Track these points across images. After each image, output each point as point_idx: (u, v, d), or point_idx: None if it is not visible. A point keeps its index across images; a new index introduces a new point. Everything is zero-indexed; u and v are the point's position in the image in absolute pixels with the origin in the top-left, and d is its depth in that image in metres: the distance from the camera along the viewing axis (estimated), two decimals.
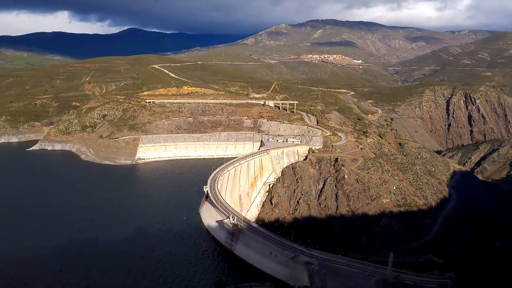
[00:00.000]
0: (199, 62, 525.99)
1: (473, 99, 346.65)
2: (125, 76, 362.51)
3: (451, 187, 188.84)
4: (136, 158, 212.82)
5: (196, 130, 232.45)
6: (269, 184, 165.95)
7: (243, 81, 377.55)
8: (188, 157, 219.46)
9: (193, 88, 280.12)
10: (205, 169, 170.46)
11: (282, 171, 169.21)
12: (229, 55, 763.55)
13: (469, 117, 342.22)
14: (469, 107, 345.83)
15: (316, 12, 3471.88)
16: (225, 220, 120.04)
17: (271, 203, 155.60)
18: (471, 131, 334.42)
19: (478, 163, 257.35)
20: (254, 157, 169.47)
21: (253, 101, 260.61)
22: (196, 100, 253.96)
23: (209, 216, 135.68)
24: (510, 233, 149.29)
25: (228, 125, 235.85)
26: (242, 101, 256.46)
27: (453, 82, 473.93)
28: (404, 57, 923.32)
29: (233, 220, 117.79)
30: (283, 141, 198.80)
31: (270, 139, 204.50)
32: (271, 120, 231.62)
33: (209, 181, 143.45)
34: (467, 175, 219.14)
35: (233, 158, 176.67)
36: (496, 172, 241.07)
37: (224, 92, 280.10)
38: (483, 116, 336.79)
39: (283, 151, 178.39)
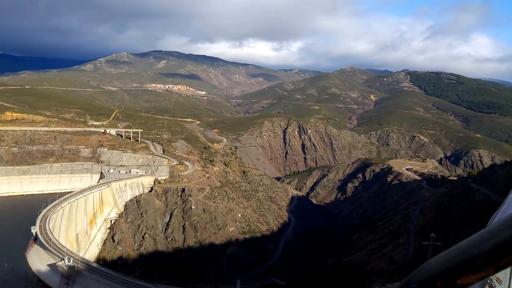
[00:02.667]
0: (27, 87, 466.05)
1: (305, 129, 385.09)
2: None
3: (290, 212, 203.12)
4: None
5: (23, 161, 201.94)
6: (111, 220, 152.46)
7: (80, 107, 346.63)
8: (12, 194, 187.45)
9: (19, 114, 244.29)
10: (34, 207, 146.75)
11: (125, 205, 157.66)
12: (64, 81, 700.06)
13: (303, 146, 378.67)
14: (302, 137, 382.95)
15: (161, 43, 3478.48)
16: (58, 263, 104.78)
17: (113, 240, 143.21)
18: (305, 158, 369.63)
19: (312, 188, 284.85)
20: (93, 191, 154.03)
21: (92, 129, 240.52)
22: (22, 127, 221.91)
23: (39, 261, 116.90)
24: (339, 251, 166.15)
25: (62, 155, 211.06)
26: (79, 129, 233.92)
27: (288, 114, 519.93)
28: (245, 90, 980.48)
29: (69, 262, 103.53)
30: (126, 172, 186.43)
31: (112, 170, 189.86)
32: (112, 149, 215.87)
33: (38, 221, 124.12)
34: (303, 199, 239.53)
35: (69, 192, 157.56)
36: (327, 196, 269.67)
37: (57, 119, 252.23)
38: (314, 145, 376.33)
39: (126, 183, 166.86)
